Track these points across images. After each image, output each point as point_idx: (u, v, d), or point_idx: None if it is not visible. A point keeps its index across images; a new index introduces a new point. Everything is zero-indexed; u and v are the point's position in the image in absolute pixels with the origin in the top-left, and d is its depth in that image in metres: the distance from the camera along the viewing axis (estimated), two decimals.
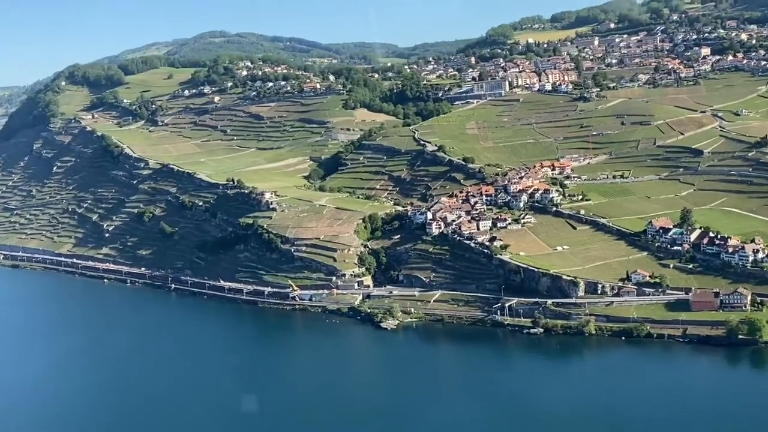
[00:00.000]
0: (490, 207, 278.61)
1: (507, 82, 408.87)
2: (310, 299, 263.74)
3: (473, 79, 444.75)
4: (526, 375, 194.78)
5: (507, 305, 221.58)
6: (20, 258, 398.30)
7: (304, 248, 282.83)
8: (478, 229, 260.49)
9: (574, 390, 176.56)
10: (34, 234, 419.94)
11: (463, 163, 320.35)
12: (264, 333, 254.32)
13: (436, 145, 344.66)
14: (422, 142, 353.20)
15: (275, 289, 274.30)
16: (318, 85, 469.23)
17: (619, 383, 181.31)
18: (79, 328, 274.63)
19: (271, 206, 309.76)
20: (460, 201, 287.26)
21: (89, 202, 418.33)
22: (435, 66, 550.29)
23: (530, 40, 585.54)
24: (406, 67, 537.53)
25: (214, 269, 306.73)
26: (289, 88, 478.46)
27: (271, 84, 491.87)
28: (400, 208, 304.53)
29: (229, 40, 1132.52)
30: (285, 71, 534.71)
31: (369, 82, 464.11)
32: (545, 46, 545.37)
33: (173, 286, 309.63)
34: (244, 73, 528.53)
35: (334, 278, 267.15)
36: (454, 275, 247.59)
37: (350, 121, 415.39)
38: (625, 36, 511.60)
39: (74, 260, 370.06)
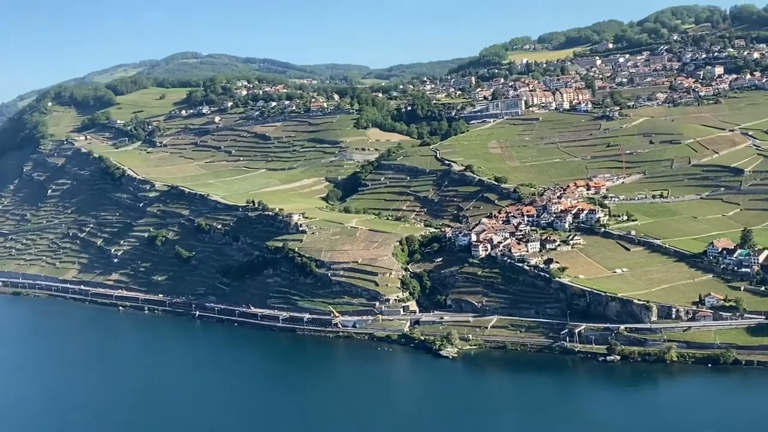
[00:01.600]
0: (533, 228, 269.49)
1: (523, 101, 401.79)
2: (354, 326, 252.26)
3: (485, 98, 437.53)
4: (606, 405, 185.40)
5: (576, 331, 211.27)
6: (21, 285, 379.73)
7: (341, 272, 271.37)
8: (527, 250, 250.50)
9: (659, 420, 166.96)
10: (34, 260, 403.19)
11: (495, 183, 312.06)
12: (310, 363, 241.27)
13: (462, 165, 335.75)
14: (447, 162, 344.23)
15: (314, 316, 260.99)
16: (325, 104, 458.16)
17: (709, 412, 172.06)
18: (106, 360, 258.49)
19: (300, 228, 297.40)
20: (501, 222, 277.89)
21: (92, 225, 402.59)
22: (434, 86, 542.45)
23: (525, 60, 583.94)
24: (410, 86, 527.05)
25: (242, 295, 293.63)
26: (294, 108, 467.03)
27: (274, 103, 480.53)
28: (432, 230, 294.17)
29: (203, 61, 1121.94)
30: (285, 91, 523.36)
31: (377, 101, 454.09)
32: (544, 65, 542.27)
33: (197, 313, 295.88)
34: (244, 92, 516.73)
35: (377, 303, 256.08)
36: (509, 299, 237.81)
37: (364, 140, 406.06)
38: (627, 56, 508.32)
39: (82, 287, 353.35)
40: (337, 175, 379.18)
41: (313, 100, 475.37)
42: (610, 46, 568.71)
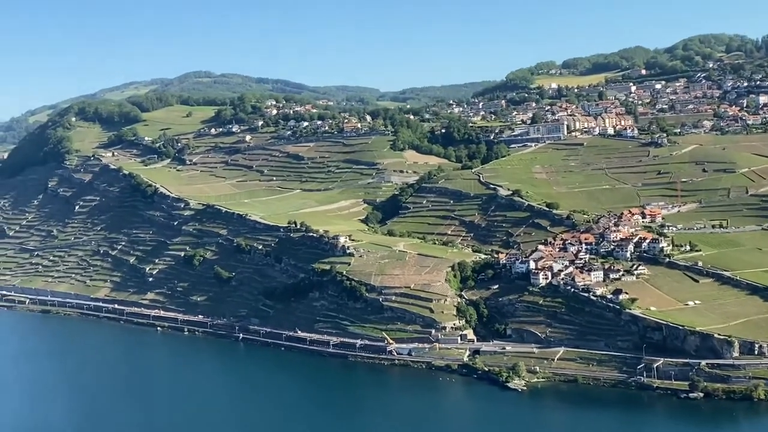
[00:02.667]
0: (593, 257, 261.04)
1: (565, 126, 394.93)
2: (409, 353, 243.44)
3: (523, 122, 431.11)
4: None
5: (654, 366, 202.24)
6: (51, 303, 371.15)
7: (393, 297, 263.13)
8: (591, 280, 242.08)
9: None
10: (63, 277, 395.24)
11: (547, 208, 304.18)
12: (364, 391, 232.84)
13: (508, 189, 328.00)
14: (492, 186, 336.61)
15: (366, 342, 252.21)
16: (359, 125, 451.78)
17: None
18: (146, 383, 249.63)
19: (348, 251, 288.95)
20: (557, 249, 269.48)
21: (123, 243, 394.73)
22: (462, 109, 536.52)
23: (557, 85, 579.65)
24: (443, 109, 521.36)
25: (287, 318, 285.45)
26: (327, 128, 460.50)
27: (306, 123, 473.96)
28: (482, 255, 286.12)
29: (217, 80, 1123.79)
30: (315, 111, 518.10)
31: (411, 123, 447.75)
32: (576, 90, 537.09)
33: (241, 335, 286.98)
34: (274, 111, 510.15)
35: (433, 331, 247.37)
36: (576, 331, 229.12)
37: (401, 162, 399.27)
38: (663, 82, 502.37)
39: (116, 305, 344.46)
40: (376, 197, 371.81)
41: (346, 120, 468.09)
42: (643, 72, 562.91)
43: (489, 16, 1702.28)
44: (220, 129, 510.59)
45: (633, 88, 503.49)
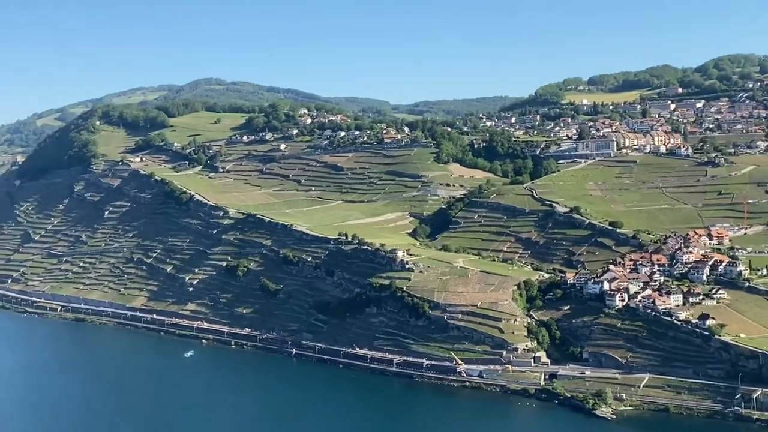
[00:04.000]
0: (667, 279, 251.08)
1: (615, 142, 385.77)
2: (480, 375, 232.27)
3: (568, 137, 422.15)
4: None
5: (754, 396, 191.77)
6: (84, 311, 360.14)
7: (459, 316, 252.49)
8: (670, 303, 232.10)
9: None
10: (95, 284, 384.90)
11: (610, 227, 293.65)
12: (435, 414, 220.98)
13: (566, 206, 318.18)
14: (547, 202, 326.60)
15: (432, 362, 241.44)
16: (399, 136, 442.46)
17: None
18: (197, 400, 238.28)
19: (407, 266, 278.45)
20: (628, 270, 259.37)
21: (158, 251, 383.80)
22: (494, 123, 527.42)
23: (585, 101, 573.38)
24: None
25: (343, 334, 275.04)
26: (365, 138, 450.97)
27: (343, 133, 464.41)
28: (545, 274, 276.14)
29: (228, 88, 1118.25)
30: (348, 120, 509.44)
31: (452, 136, 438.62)
32: (611, 106, 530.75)
33: (294, 350, 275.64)
34: (309, 120, 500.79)
35: (504, 352, 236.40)
36: (660, 357, 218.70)
37: (446, 175, 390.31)
38: (704, 101, 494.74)
39: (155, 315, 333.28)
40: (422, 211, 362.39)
41: (385, 131, 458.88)
42: (680, 90, 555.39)
43: (502, 32, 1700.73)
44: (252, 137, 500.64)
45: (672, 106, 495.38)
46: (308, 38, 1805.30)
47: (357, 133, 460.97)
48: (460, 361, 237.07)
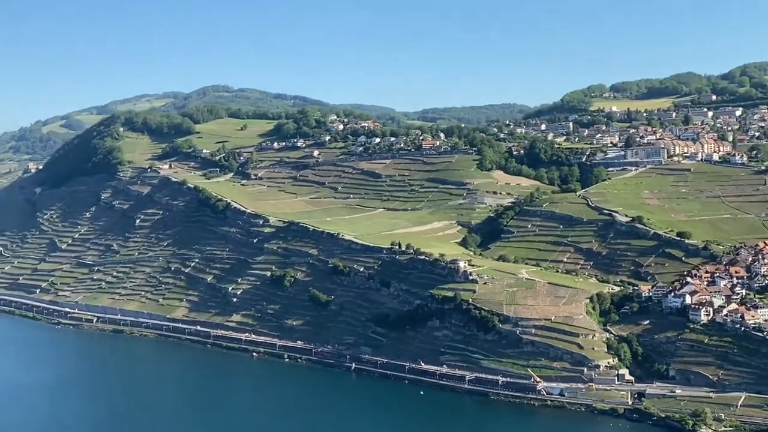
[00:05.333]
0: (748, 292, 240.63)
1: (666, 150, 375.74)
2: (561, 394, 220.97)
3: (613, 144, 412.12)
4: None
5: None
6: (122, 322, 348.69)
7: (533, 330, 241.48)
8: (759, 318, 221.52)
9: None
10: (131, 295, 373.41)
11: (678, 238, 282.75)
12: None
13: (626, 216, 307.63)
14: (606, 211, 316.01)
15: (508, 379, 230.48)
16: (438, 143, 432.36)
17: None
18: (255, 416, 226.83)
19: (470, 277, 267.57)
20: (705, 283, 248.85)
21: (196, 260, 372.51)
22: (523, 129, 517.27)
23: (615, 108, 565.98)
24: (513, 128, 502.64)
25: (404, 348, 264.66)
26: (402, 145, 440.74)
27: (378, 139, 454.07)
28: (614, 287, 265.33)
29: (237, 94, 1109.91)
30: (379, 126, 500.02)
31: (492, 143, 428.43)
32: (645, 114, 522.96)
33: (353, 365, 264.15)
34: (341, 127, 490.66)
35: (585, 369, 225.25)
36: (754, 374, 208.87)
37: (492, 183, 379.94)
38: (741, 108, 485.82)
39: (199, 327, 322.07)
40: (470, 219, 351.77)
41: (422, 138, 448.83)
42: (714, 98, 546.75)
43: (509, 40, 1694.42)
44: (283, 143, 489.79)
45: (710, 114, 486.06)
46: (310, 46, 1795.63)
47: (393, 139, 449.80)
48: (538, 379, 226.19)
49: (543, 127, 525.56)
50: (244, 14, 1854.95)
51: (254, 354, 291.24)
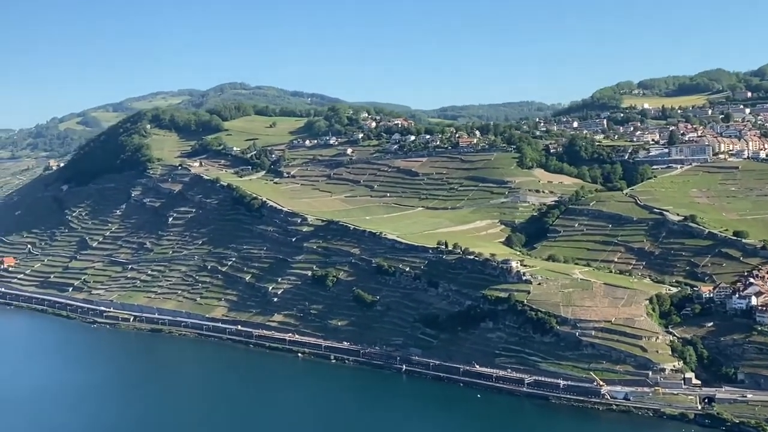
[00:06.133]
0: None
1: (711, 147, 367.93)
2: (626, 398, 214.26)
3: (655, 141, 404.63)
4: None
5: None
6: (160, 321, 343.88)
7: (593, 332, 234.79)
8: None
9: None
10: (167, 293, 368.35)
11: (734, 237, 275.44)
12: None
13: (678, 215, 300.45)
14: (656, 210, 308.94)
15: (569, 382, 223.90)
16: (475, 140, 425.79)
17: None
18: (312, 420, 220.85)
19: (523, 278, 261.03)
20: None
21: (233, 259, 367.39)
22: (557, 126, 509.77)
23: (646, 105, 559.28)
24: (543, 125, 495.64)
25: (457, 350, 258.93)
26: (438, 143, 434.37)
27: (413, 137, 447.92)
28: (671, 288, 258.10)
29: (254, 92, 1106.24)
30: (410, 124, 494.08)
31: (530, 140, 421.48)
32: (679, 111, 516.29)
33: (404, 367, 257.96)
34: (373, 124, 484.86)
35: (650, 373, 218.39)
36: None
37: (534, 181, 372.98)
38: None
39: (239, 327, 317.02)
40: (513, 218, 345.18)
41: (458, 135, 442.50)
42: (749, 95, 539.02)
43: (527, 37, 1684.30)
44: (315, 141, 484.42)
45: (747, 111, 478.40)
46: (325, 42, 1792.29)
47: (428, 137, 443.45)
48: (601, 382, 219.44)
49: (575, 124, 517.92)
50: (257, 12, 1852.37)
51: (299, 355, 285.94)
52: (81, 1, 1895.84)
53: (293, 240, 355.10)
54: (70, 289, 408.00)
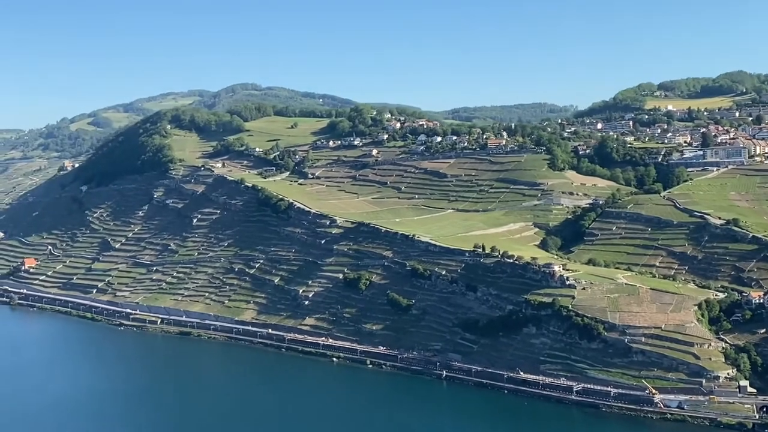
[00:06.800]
0: None
1: (747, 150, 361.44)
2: (680, 406, 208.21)
3: (688, 143, 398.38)
4: None
5: None
6: (189, 324, 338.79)
7: (642, 339, 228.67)
8: None
9: None
10: (194, 296, 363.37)
11: None
12: None
13: (719, 218, 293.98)
14: (696, 214, 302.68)
15: (619, 390, 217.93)
16: (504, 142, 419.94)
17: None
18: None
19: (567, 282, 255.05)
20: None
21: (261, 261, 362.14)
22: (578, 128, 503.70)
23: (671, 107, 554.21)
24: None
25: (499, 355, 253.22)
26: (466, 144, 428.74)
27: (439, 138, 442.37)
28: (719, 294, 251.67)
29: (266, 93, 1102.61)
30: (432, 125, 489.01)
31: (559, 142, 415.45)
32: (705, 113, 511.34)
33: (444, 373, 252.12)
34: (398, 125, 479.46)
35: (704, 381, 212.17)
36: None
37: (567, 183, 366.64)
38: None
39: (270, 331, 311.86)
40: (547, 221, 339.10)
41: (486, 136, 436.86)
42: None
43: (539, 39, 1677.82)
44: (338, 142, 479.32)
45: None
46: (335, 44, 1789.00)
47: (455, 138, 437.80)
48: (654, 390, 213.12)
49: (599, 126, 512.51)
50: (264, 13, 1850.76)
51: (334, 359, 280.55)
52: (90, 3, 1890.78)
53: (322, 242, 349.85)
54: (94, 290, 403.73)
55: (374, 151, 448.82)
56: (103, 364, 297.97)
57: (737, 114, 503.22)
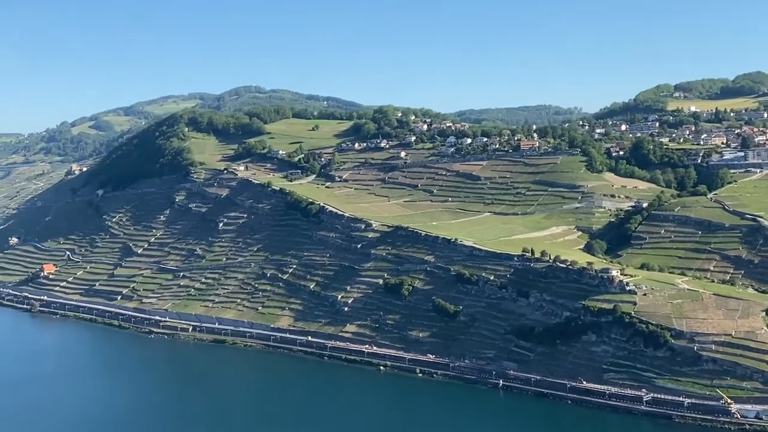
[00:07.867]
0: None
1: None
2: (758, 417, 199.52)
3: (726, 144, 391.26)
4: None
5: None
6: (223, 331, 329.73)
7: (713, 347, 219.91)
8: None
9: None
10: (225, 302, 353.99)
11: None
12: None
13: None
14: (748, 216, 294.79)
15: (692, 400, 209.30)
16: (537, 144, 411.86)
17: None
18: None
19: (627, 288, 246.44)
20: None
21: (294, 266, 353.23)
22: (604, 130, 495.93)
23: (694, 108, 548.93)
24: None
25: (558, 364, 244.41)
26: (497, 146, 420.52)
27: (469, 140, 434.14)
28: None
29: (271, 96, 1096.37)
30: (463, 127, 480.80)
31: (593, 143, 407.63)
32: (732, 114, 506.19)
33: (501, 382, 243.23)
34: (425, 127, 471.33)
35: None
36: None
37: (607, 186, 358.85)
38: None
39: (310, 338, 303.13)
40: (590, 225, 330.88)
41: (517, 138, 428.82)
42: None
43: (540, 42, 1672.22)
44: (364, 144, 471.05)
45: None
46: (338, 45, 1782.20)
47: (486, 140, 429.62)
48: (729, 400, 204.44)
49: (623, 127, 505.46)
50: (266, 16, 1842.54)
51: (381, 368, 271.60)
52: (91, 7, 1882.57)
53: (358, 246, 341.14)
54: (119, 297, 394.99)
55: (402, 153, 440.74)
56: (135, 374, 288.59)
57: (766, 115, 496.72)
